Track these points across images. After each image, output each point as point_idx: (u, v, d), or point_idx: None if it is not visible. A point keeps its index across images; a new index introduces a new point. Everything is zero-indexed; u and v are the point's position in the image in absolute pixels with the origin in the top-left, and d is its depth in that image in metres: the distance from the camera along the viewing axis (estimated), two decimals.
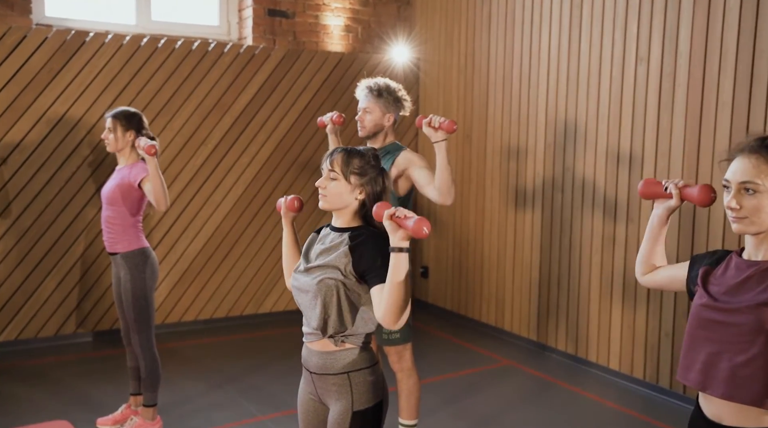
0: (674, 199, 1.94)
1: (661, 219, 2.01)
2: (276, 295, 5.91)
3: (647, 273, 2.06)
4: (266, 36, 5.79)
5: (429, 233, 1.80)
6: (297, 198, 2.42)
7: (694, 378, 1.71)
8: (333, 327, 2.08)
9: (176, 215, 5.43)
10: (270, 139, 5.71)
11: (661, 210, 1.99)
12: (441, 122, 2.99)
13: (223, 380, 4.53)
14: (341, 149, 2.16)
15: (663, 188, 1.97)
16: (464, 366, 4.93)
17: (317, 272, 2.11)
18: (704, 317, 1.70)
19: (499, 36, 5.44)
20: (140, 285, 3.49)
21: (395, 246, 1.87)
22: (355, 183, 2.12)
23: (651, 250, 2.05)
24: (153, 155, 3.33)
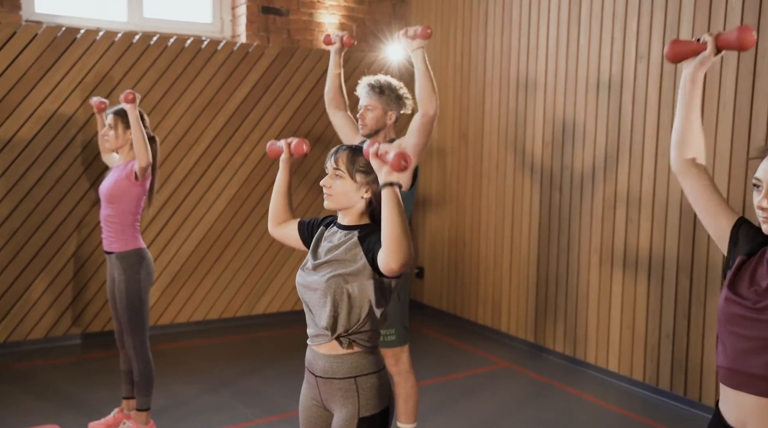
0: (709, 47, 1.74)
1: (693, 76, 1.78)
2: (270, 296, 5.84)
3: (686, 158, 1.81)
4: (260, 34, 5.72)
5: (408, 165, 1.80)
6: (304, 140, 2.25)
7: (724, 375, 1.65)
8: (343, 326, 2.01)
9: (168, 215, 5.35)
10: (264, 138, 5.63)
11: (691, 66, 1.78)
12: (415, 31, 3.07)
13: (216, 383, 4.45)
14: (345, 147, 2.10)
15: (695, 41, 1.78)
16: (461, 368, 4.87)
17: (326, 269, 2.05)
18: (731, 312, 1.63)
19: (496, 33, 5.39)
20: (135, 286, 3.41)
21: (385, 182, 1.84)
22: (361, 181, 2.06)
23: (686, 120, 1.81)
24: (132, 102, 3.30)
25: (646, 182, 4.31)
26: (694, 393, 4.10)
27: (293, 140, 2.26)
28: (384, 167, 1.85)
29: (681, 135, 1.82)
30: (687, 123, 1.81)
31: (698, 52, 1.78)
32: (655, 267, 4.28)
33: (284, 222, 2.35)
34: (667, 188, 4.19)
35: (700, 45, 1.77)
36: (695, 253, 4.06)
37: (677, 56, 1.81)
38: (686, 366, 4.14)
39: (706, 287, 4.01)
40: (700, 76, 1.78)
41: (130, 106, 3.33)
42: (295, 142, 2.25)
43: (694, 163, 1.82)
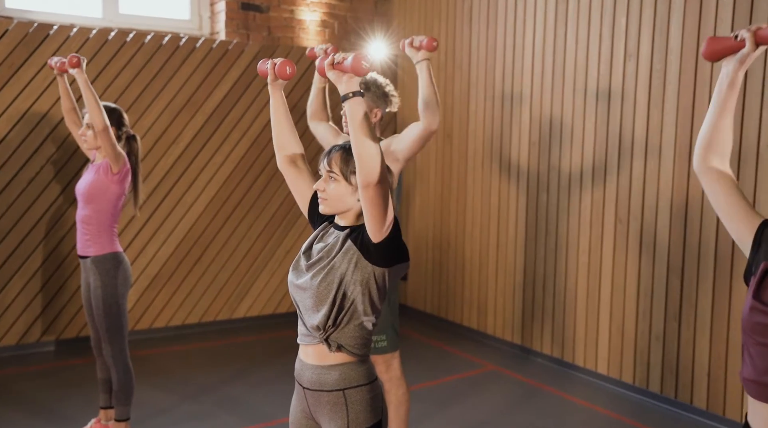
0: (748, 44, 1.65)
1: (732, 78, 1.69)
2: (251, 300, 5.71)
3: (711, 159, 1.73)
4: (240, 31, 5.59)
5: (369, 67, 1.76)
6: (288, 62, 2.07)
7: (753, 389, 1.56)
8: (333, 328, 1.92)
9: (146, 217, 5.20)
10: (244, 137, 5.50)
11: (732, 64, 1.68)
12: (421, 41, 3.05)
13: (197, 390, 4.31)
14: (339, 147, 1.99)
15: (733, 38, 1.69)
16: (448, 372, 4.78)
17: (317, 267, 1.95)
18: (758, 322, 1.55)
19: (481, 31, 5.31)
20: (112, 291, 3.27)
21: (347, 92, 1.78)
22: (356, 183, 1.96)
23: (717, 123, 1.72)
24: (77, 66, 3.17)
25: (636, 182, 4.25)
26: (684, 396, 4.05)
27: (278, 60, 2.08)
28: (344, 76, 1.78)
29: (710, 137, 1.73)
30: (718, 125, 1.73)
31: (736, 49, 1.69)
32: (645, 269, 4.22)
33: (296, 161, 2.16)
34: (657, 188, 4.13)
35: (738, 42, 1.68)
36: (686, 254, 4.01)
37: (715, 55, 1.73)
38: (677, 369, 4.08)
39: (697, 288, 3.96)
40: (740, 77, 1.70)
41: (76, 71, 3.18)
42: (279, 63, 2.07)
43: (717, 165, 1.74)
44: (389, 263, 1.91)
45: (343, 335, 1.93)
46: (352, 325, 1.92)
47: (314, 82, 3.42)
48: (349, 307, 1.90)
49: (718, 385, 3.88)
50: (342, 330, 1.92)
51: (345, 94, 1.78)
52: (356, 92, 1.78)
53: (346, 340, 1.93)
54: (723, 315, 3.84)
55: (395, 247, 1.90)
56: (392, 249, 1.89)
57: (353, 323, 1.92)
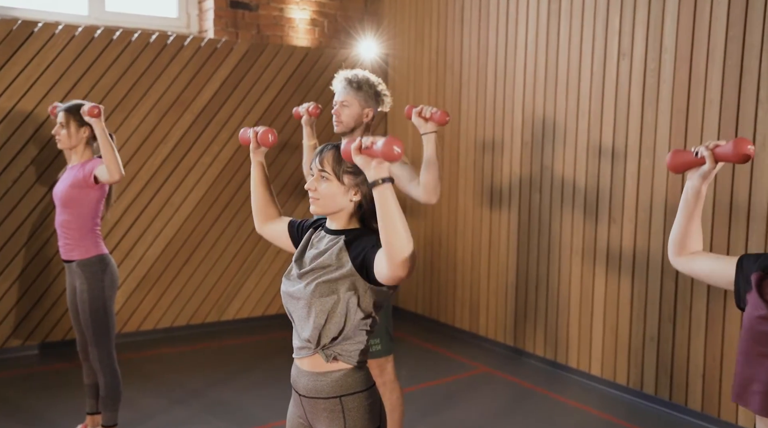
0: (708, 162, 1.75)
1: (696, 191, 1.81)
2: (240, 302, 5.63)
3: (683, 255, 1.87)
4: (228, 29, 5.51)
5: (402, 152, 1.62)
6: (270, 130, 2.09)
7: (756, 402, 1.52)
8: (327, 338, 1.85)
9: (134, 218, 5.11)
10: (233, 137, 5.42)
11: (696, 179, 1.80)
12: (432, 113, 2.86)
13: (186, 394, 4.24)
14: (331, 146, 1.93)
15: (693, 154, 1.79)
16: (440, 374, 4.73)
17: (310, 276, 1.88)
18: (761, 330, 1.51)
19: (473, 30, 5.26)
20: (99, 295, 3.19)
21: (375, 179, 1.64)
22: (349, 183, 1.90)
23: (686, 229, 1.85)
24: (97, 117, 3.11)
25: (630, 182, 4.21)
26: (679, 397, 4.02)
27: (260, 129, 2.10)
28: (372, 161, 1.65)
29: (681, 239, 1.87)
30: (688, 230, 1.86)
31: (697, 164, 1.80)
32: (639, 269, 4.19)
33: (272, 219, 2.18)
34: (651, 188, 4.10)
35: (698, 159, 1.78)
36: None
37: (678, 168, 1.85)
38: (671, 370, 4.05)
39: (691, 289, 3.93)
40: (703, 190, 1.81)
41: (95, 121, 3.12)
42: (261, 132, 2.09)
43: (691, 251, 1.88)
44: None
45: (340, 345, 1.87)
46: (348, 333, 1.86)
47: (304, 140, 3.39)
48: (345, 314, 1.84)
49: (713, 387, 3.85)
50: (339, 340, 1.86)
51: (374, 181, 1.64)
52: (386, 179, 1.64)
53: (343, 349, 1.88)
54: (718, 316, 3.81)
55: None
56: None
57: (349, 330, 1.86)
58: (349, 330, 1.85)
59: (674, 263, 1.90)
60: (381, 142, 1.62)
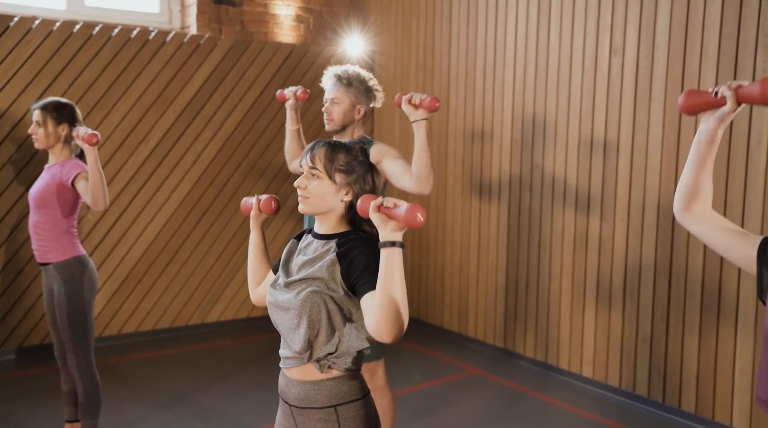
0: (729, 103, 1.57)
1: (711, 135, 1.63)
2: (224, 303, 5.51)
3: (692, 211, 1.70)
4: (212, 25, 5.39)
5: (424, 221, 1.54)
6: (273, 198, 2.06)
7: None
8: (320, 350, 1.75)
9: (115, 218, 4.98)
10: (217, 135, 5.31)
11: (712, 121, 1.62)
12: (422, 99, 2.75)
13: (169, 400, 4.12)
14: (324, 142, 1.84)
15: (711, 94, 1.62)
16: (430, 376, 4.64)
17: (300, 286, 1.78)
18: None
19: (461, 26, 5.18)
20: (77, 298, 3.07)
21: (386, 241, 1.57)
22: (340, 182, 1.80)
23: (696, 179, 1.68)
24: (94, 145, 2.96)
25: (622, 181, 4.15)
26: (673, 399, 3.96)
27: (263, 197, 2.06)
28: (390, 223, 1.57)
29: (690, 190, 1.70)
30: (698, 180, 1.69)
31: (715, 106, 1.62)
32: (632, 269, 4.12)
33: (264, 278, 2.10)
34: (644, 187, 4.03)
35: (718, 99, 1.60)
36: (674, 255, 3.92)
37: (692, 109, 1.67)
38: (665, 371, 3.99)
39: (685, 289, 3.87)
40: (719, 135, 1.64)
41: (90, 149, 2.97)
42: (263, 199, 2.05)
43: (699, 210, 1.71)
44: None
45: (334, 355, 1.77)
46: (342, 344, 1.76)
47: (287, 124, 3.29)
48: (339, 321, 1.75)
49: (707, 388, 3.79)
50: (333, 351, 1.76)
51: (384, 242, 1.57)
52: (398, 243, 1.57)
53: (336, 360, 1.78)
54: (712, 316, 3.75)
55: None
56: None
57: (345, 336, 1.76)
58: (342, 341, 1.76)
59: (682, 219, 1.73)
60: (404, 208, 1.53)
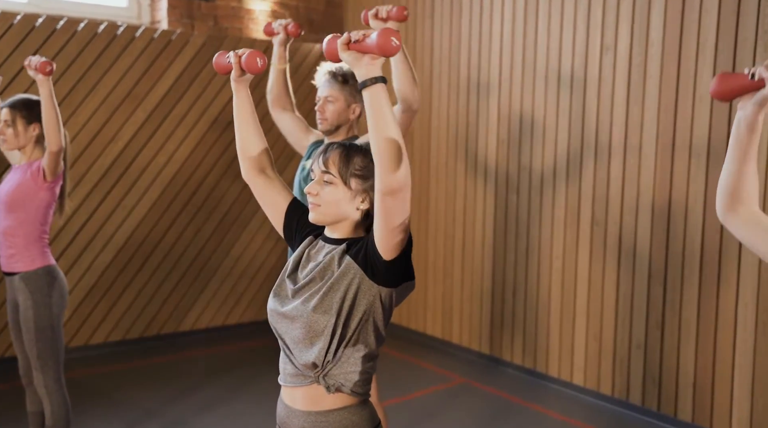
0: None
1: (751, 122, 1.50)
2: (198, 311, 5.28)
3: (738, 211, 1.57)
4: (183, 20, 5.16)
5: (400, 44, 1.44)
6: (258, 53, 1.75)
7: None
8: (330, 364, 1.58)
9: (82, 222, 4.72)
10: (190, 135, 5.08)
11: (750, 107, 1.49)
12: (389, 11, 2.69)
13: (141, 415, 3.89)
14: (337, 145, 1.66)
15: (747, 77, 1.49)
16: (416, 386, 4.47)
17: (308, 291, 1.61)
18: None
19: (444, 23, 5.02)
20: (45, 313, 2.83)
21: (366, 78, 1.47)
22: (356, 188, 1.63)
23: (739, 173, 1.54)
24: (48, 75, 2.77)
25: (614, 182, 4.02)
26: (668, 408, 3.84)
27: (245, 52, 1.76)
28: (364, 58, 1.46)
29: (734, 186, 1.57)
30: (742, 173, 1.55)
31: (753, 89, 1.49)
32: (625, 273, 4.00)
33: (264, 170, 1.83)
34: (637, 188, 3.91)
35: (755, 82, 1.47)
36: (669, 258, 3.80)
37: (727, 94, 1.54)
38: (660, 379, 3.87)
39: (681, 294, 3.75)
40: (759, 120, 1.50)
41: (43, 79, 2.77)
42: (246, 55, 1.75)
43: (746, 209, 1.57)
44: (398, 282, 1.59)
45: (343, 371, 1.60)
46: (353, 359, 1.59)
47: (272, 62, 3.07)
48: (351, 337, 1.57)
49: (704, 396, 3.68)
50: (342, 366, 1.59)
51: (364, 81, 1.46)
52: (378, 78, 1.46)
53: (346, 378, 1.60)
54: (710, 322, 3.64)
55: (406, 264, 1.58)
56: (403, 266, 1.58)
57: (355, 356, 1.58)
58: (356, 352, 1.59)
59: (726, 221, 1.59)
60: (375, 35, 1.42)
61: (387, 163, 1.45)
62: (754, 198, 1.57)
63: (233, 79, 1.79)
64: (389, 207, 1.48)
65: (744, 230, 1.56)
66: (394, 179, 1.45)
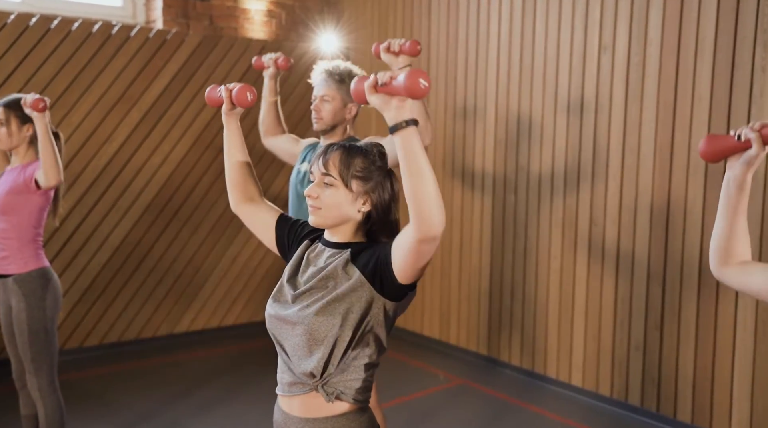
0: (754, 146, 1.48)
1: (740, 182, 1.54)
2: (194, 313, 5.24)
3: (730, 265, 1.60)
4: (179, 20, 5.12)
5: (429, 86, 1.35)
6: (248, 87, 1.78)
7: None
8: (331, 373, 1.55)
9: (76, 224, 4.68)
10: (185, 135, 5.04)
11: (738, 167, 1.53)
12: (401, 44, 2.57)
13: (136, 418, 3.85)
14: (338, 145, 1.62)
15: (734, 138, 1.53)
16: (413, 388, 4.44)
17: (309, 298, 1.57)
18: None
19: (441, 22, 4.99)
20: (39, 315, 2.79)
21: (397, 122, 1.37)
22: (357, 190, 1.60)
23: (731, 230, 1.59)
24: (42, 112, 2.72)
25: (612, 182, 4.00)
26: (667, 409, 3.82)
27: (235, 86, 1.79)
28: (392, 101, 1.38)
29: (725, 244, 1.62)
30: (733, 230, 1.60)
31: (740, 150, 1.53)
32: (623, 273, 3.98)
33: (253, 199, 1.84)
34: (636, 188, 3.89)
35: (742, 143, 1.52)
36: (668, 259, 3.78)
37: (715, 155, 1.58)
38: (659, 380, 3.85)
39: (680, 295, 3.73)
40: (748, 180, 1.55)
41: (38, 116, 2.73)
42: (237, 89, 1.77)
43: (738, 262, 1.62)
44: (403, 296, 1.57)
45: (343, 379, 1.57)
46: (354, 368, 1.56)
47: (264, 95, 3.09)
48: (353, 346, 1.54)
49: (703, 397, 3.66)
50: (342, 374, 1.56)
51: (395, 125, 1.38)
52: (409, 121, 1.37)
53: (346, 386, 1.57)
54: (709, 322, 3.62)
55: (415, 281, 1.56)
56: (413, 284, 1.55)
57: (356, 365, 1.55)
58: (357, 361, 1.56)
59: (719, 275, 1.63)
60: (403, 76, 1.33)
61: (424, 213, 1.38)
62: (746, 254, 1.61)
63: (224, 112, 1.82)
64: (422, 251, 1.44)
65: (737, 278, 1.59)
66: (432, 229, 1.39)
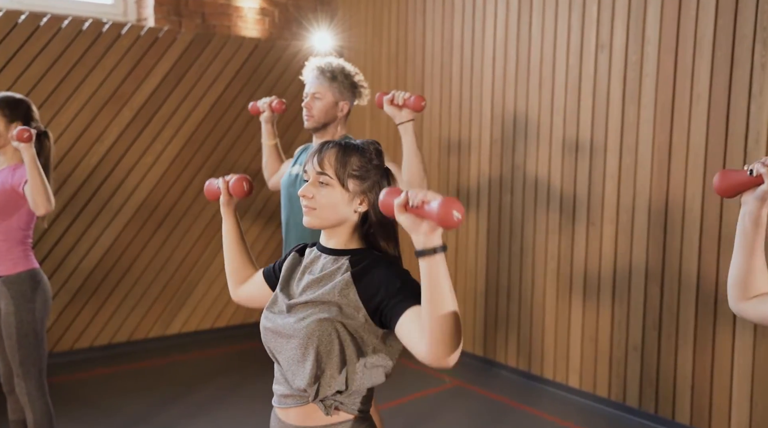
0: (766, 181, 1.47)
1: (755, 217, 1.52)
2: (186, 313, 5.18)
3: (746, 299, 1.58)
4: (170, 17, 5.05)
5: (462, 219, 1.24)
6: (244, 177, 1.79)
7: None
8: (328, 387, 1.48)
9: (67, 224, 4.61)
10: (177, 135, 4.98)
11: (752, 203, 1.52)
12: (405, 98, 2.54)
13: (127, 421, 3.79)
14: (333, 143, 1.57)
15: (747, 173, 1.52)
16: (409, 389, 4.39)
17: (306, 311, 1.51)
18: None
19: (436, 20, 4.95)
20: (28, 318, 2.73)
21: (426, 248, 1.27)
22: (354, 190, 1.55)
23: (748, 266, 1.56)
24: (28, 142, 2.63)
25: (610, 182, 3.97)
26: (666, 410, 3.78)
27: (231, 177, 1.79)
28: (422, 225, 1.28)
29: (743, 280, 1.59)
30: (750, 267, 1.57)
31: (753, 185, 1.53)
32: (621, 275, 3.94)
33: (248, 278, 1.83)
34: (634, 188, 3.86)
35: (754, 178, 1.52)
36: (666, 259, 3.74)
37: (728, 191, 1.58)
38: (657, 381, 3.81)
39: (678, 296, 3.70)
40: (763, 215, 1.53)
41: (24, 146, 2.64)
42: (233, 181, 1.78)
43: (756, 296, 1.59)
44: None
45: (346, 389, 1.51)
46: (356, 375, 1.51)
47: (264, 139, 3.08)
48: (352, 353, 1.49)
49: (702, 398, 3.63)
50: (344, 384, 1.51)
51: (422, 250, 1.28)
52: (438, 248, 1.28)
53: (346, 398, 1.52)
54: (708, 323, 3.59)
55: None
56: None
57: (358, 371, 1.50)
58: (356, 377, 1.50)
59: (737, 310, 1.61)
60: (436, 203, 1.23)
61: (441, 344, 1.30)
62: (764, 287, 1.59)
63: (222, 203, 1.82)
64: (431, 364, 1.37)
65: (755, 309, 1.57)
66: (440, 362, 1.32)
